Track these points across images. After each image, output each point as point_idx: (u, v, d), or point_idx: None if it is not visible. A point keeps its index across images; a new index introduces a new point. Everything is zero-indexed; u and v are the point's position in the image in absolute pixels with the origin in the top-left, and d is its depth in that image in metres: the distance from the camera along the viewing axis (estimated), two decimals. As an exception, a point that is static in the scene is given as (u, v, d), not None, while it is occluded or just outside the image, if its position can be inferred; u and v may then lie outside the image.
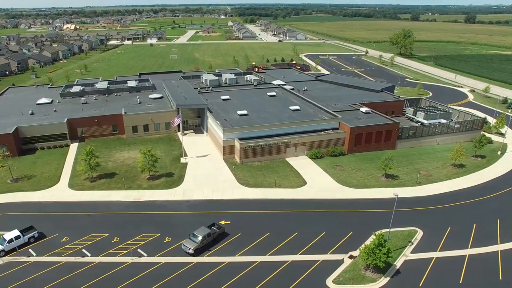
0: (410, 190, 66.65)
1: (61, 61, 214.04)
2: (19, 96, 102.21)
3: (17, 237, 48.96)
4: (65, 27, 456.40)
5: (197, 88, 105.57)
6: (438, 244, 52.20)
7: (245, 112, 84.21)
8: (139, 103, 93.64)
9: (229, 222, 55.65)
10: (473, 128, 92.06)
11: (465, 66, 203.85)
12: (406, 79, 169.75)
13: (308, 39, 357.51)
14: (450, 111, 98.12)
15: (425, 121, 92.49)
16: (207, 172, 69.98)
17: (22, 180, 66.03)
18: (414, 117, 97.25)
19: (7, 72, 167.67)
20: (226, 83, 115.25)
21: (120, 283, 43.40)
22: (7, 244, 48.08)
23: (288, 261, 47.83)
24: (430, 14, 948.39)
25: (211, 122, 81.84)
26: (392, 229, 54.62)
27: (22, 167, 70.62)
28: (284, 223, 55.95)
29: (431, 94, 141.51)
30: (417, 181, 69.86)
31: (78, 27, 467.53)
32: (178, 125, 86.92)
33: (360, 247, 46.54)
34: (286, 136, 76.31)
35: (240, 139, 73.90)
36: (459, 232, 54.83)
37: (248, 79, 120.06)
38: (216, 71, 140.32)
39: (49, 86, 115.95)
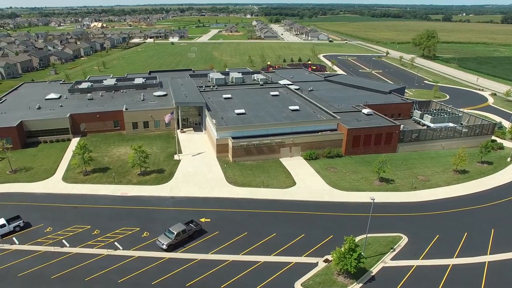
0: (404, 195, 64.68)
1: (82, 58, 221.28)
2: (31, 91, 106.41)
3: (2, 226, 50.97)
4: (92, 25, 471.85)
5: (202, 86, 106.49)
6: (421, 252, 50.31)
7: (242, 111, 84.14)
8: (142, 100, 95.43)
9: (209, 220, 55.77)
10: (483, 133, 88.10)
11: (491, 69, 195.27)
12: (425, 81, 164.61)
13: (330, 39, 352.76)
14: (460, 114, 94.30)
15: (432, 125, 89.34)
16: (198, 170, 70.37)
17: (20, 172, 68.65)
18: (421, 120, 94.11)
19: (28, 68, 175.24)
20: (232, 82, 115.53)
21: (90, 275, 44.37)
22: (-8, 232, 50.18)
23: (260, 261, 47.37)
24: (464, 14, 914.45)
25: (208, 120, 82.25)
26: (375, 235, 53.31)
27: (22, 159, 73.46)
28: (264, 223, 55.48)
29: (448, 97, 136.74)
30: (413, 186, 67.60)
31: (105, 25, 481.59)
32: (178, 122, 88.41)
33: (331, 251, 45.36)
34: (280, 136, 75.64)
35: (233, 138, 73.90)
36: (447, 241, 52.62)
37: (255, 78, 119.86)
38: (227, 70, 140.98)
39: (61, 82, 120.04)
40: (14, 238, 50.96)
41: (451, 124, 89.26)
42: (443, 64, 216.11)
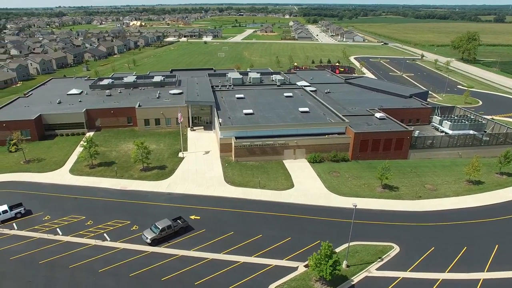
0: (405, 204, 61.94)
1: (115, 56, 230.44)
2: (57, 86, 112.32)
3: (4, 212, 54.37)
4: (131, 23, 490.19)
5: (218, 86, 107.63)
6: (411, 263, 47.97)
7: (250, 111, 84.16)
8: (157, 97, 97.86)
9: (199, 217, 56.33)
10: (507, 141, 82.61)
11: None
12: (458, 86, 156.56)
13: (366, 41, 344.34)
14: (484, 122, 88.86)
15: (450, 131, 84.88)
16: (199, 168, 71.19)
17: (33, 162, 72.72)
18: (439, 126, 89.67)
19: (63, 64, 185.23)
20: (250, 82, 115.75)
21: (74, 262, 46.30)
22: (-5, 216, 53.68)
23: (240, 261, 47.21)
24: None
25: (216, 119, 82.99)
26: (365, 243, 51.73)
27: (37, 151, 77.72)
28: (252, 224, 55.22)
29: (480, 103, 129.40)
30: (417, 194, 64.58)
31: (143, 23, 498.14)
32: (188, 120, 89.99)
33: (309, 257, 44.29)
34: (284, 138, 74.89)
35: (237, 138, 74.11)
36: (442, 254, 49.82)
37: (273, 79, 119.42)
38: (248, 70, 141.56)
39: (85, 78, 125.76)
40: (14, 224, 54.17)
41: (471, 132, 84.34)
42: (483, 68, 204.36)
